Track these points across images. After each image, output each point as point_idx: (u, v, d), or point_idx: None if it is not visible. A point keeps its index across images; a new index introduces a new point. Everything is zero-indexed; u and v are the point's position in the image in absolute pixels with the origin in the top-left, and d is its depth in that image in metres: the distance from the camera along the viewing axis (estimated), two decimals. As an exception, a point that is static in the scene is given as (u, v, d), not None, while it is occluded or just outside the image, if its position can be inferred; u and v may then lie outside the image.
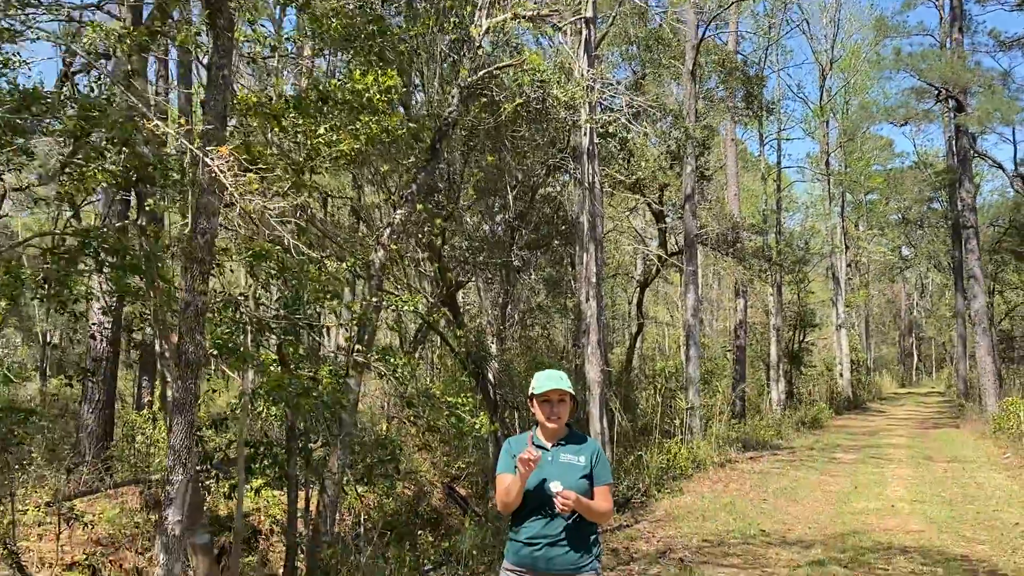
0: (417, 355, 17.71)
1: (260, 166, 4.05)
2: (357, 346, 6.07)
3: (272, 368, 5.19)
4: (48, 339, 21.45)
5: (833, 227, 35.37)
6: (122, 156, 5.44)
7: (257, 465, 6.82)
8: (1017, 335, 39.93)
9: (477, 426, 5.94)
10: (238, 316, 5.83)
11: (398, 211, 6.31)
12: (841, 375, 33.84)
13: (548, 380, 3.59)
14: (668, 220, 19.94)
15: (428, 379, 15.75)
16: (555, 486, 3.39)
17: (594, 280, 11.35)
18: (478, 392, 11.66)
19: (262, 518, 10.23)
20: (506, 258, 11.32)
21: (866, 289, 46.33)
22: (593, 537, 3.55)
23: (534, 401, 3.64)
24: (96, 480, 10.43)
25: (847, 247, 37.01)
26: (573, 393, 3.61)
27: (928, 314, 61.74)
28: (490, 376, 11.71)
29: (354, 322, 5.66)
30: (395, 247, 6.26)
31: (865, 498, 10.97)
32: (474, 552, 7.47)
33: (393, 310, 5.95)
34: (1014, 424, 17.30)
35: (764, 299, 29.42)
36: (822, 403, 28.05)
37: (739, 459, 15.19)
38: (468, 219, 11.22)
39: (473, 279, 12.13)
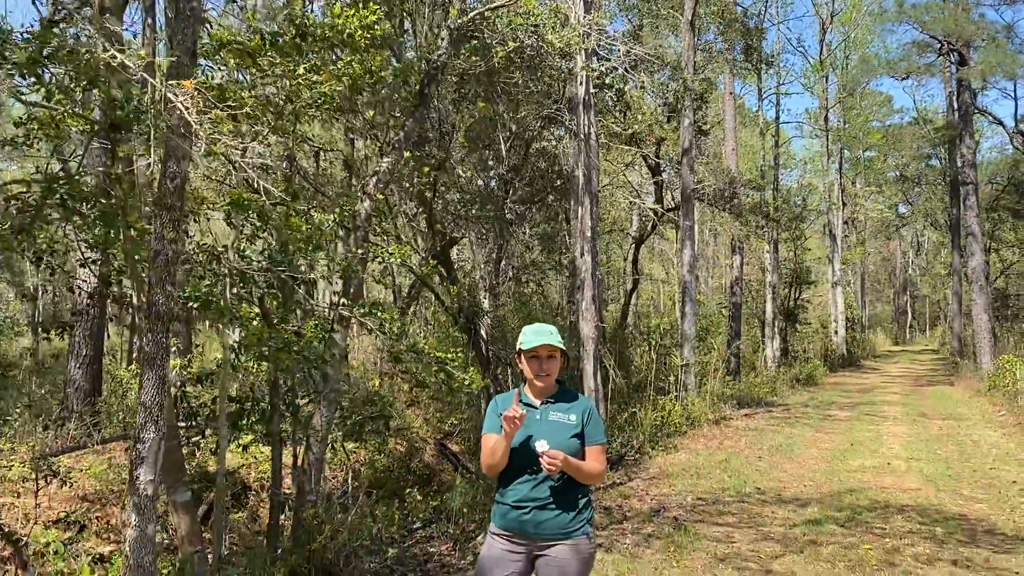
0: (411, 312, 17.56)
1: (231, 103, 3.77)
2: (343, 300, 5.84)
3: (254, 323, 4.96)
4: (40, 294, 21.21)
5: (830, 184, 35.10)
6: (93, 98, 5.15)
7: (244, 421, 6.64)
8: (1011, 293, 40.00)
9: (467, 382, 5.73)
10: (220, 269, 5.60)
11: (385, 159, 6.04)
12: (836, 332, 33.83)
13: (536, 335, 3.37)
14: (664, 175, 19.64)
15: (423, 336, 15.60)
16: (541, 445, 3.18)
17: (589, 235, 11.11)
18: (470, 348, 11.48)
19: (252, 474, 10.11)
20: (499, 211, 11.05)
21: (862, 247, 46.19)
22: (584, 500, 3.36)
23: (522, 357, 3.43)
24: (84, 436, 10.29)
25: (844, 204, 36.79)
26: (564, 349, 3.39)
27: (923, 272, 61.86)
28: (482, 332, 11.52)
29: (338, 274, 5.41)
30: (381, 196, 6.00)
31: (861, 455, 10.87)
32: (464, 510, 7.34)
33: (380, 263, 5.71)
34: (1009, 382, 17.22)
35: (760, 256, 29.26)
36: (817, 360, 28.05)
37: (734, 416, 15.11)
38: (460, 172, 10.92)
39: (466, 234, 11.87)
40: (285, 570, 4.78)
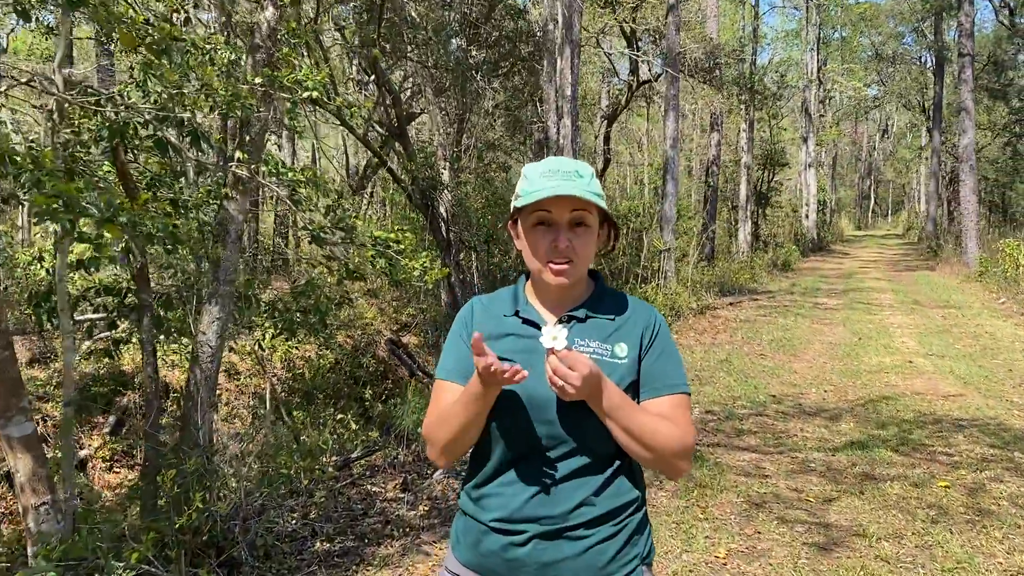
0: (369, 192, 15.72)
1: None
2: (238, 154, 4.05)
3: (71, 183, 3.18)
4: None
5: (807, 62, 33.23)
6: None
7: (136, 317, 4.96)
8: (981, 177, 39.33)
9: (416, 271, 4.06)
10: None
11: (296, -52, 4.14)
12: (807, 216, 32.61)
13: (547, 179, 1.57)
14: (641, 44, 17.77)
15: (377, 219, 13.86)
16: (551, 335, 1.44)
17: (569, 93, 9.27)
18: (428, 231, 9.77)
19: (176, 373, 8.55)
20: (462, 58, 9.11)
21: (837, 127, 44.68)
22: (638, 513, 1.66)
23: (518, 224, 1.67)
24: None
25: (820, 82, 34.98)
26: (605, 208, 1.66)
27: (887, 156, 60.99)
28: (442, 211, 9.77)
29: (222, 111, 3.61)
30: (286, 1, 4.13)
31: (874, 351, 9.52)
32: (419, 429, 5.79)
33: (288, 98, 3.91)
34: (1009, 267, 16.04)
35: (732, 137, 27.63)
36: (791, 244, 26.86)
37: (719, 305, 13.73)
38: (413, 11, 8.89)
39: (423, 91, 9.91)
40: (145, 545, 3.17)
